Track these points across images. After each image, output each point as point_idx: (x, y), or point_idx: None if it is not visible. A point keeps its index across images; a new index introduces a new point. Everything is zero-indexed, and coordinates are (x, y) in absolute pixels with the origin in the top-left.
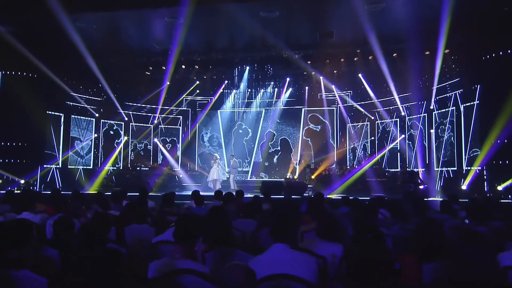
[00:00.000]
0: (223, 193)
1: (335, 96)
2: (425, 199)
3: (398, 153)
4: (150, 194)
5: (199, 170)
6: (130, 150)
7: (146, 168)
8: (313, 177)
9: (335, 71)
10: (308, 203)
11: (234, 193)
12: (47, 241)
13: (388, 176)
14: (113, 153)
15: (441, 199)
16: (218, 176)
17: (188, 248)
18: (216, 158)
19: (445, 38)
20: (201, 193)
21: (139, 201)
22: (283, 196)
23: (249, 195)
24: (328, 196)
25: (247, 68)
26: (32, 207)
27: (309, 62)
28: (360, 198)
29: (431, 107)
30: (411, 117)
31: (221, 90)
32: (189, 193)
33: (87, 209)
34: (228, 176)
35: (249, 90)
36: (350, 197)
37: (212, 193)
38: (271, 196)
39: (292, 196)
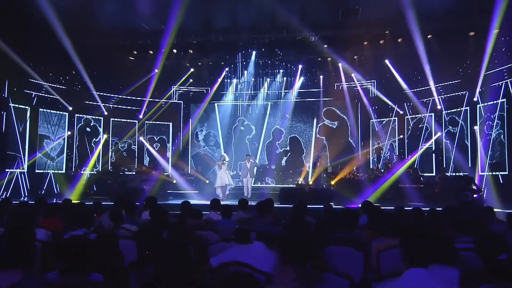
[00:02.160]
0: (244, 201)
1: (355, 87)
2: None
3: (434, 154)
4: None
5: (194, 174)
6: (110, 150)
7: (132, 172)
8: (332, 183)
9: (355, 57)
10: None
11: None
12: None
13: (424, 181)
14: (93, 154)
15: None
16: (228, 181)
17: (301, 273)
18: (224, 159)
19: (501, 14)
20: (198, 203)
21: (162, 212)
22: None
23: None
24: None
25: (254, 52)
26: (34, 221)
27: (326, 46)
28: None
29: (475, 99)
30: (449, 111)
31: (220, 79)
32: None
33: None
34: (228, 182)
35: (253, 79)
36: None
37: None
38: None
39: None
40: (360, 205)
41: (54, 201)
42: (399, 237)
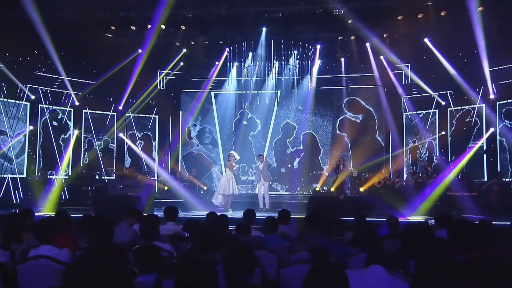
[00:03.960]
0: (286, 213)
1: (386, 72)
2: None
3: (485, 155)
4: None
5: (190, 178)
6: (83, 149)
7: (110, 177)
8: (361, 190)
9: (385, 35)
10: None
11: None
12: None
13: (476, 188)
14: (64, 153)
15: None
16: (234, 189)
17: None
18: (233, 158)
19: None
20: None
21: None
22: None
23: None
24: (409, 219)
25: (264, 29)
26: (53, 239)
27: (350, 21)
28: None
29: None
30: (506, 101)
31: (219, 63)
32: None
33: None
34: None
35: (259, 62)
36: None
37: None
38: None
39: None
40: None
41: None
42: None
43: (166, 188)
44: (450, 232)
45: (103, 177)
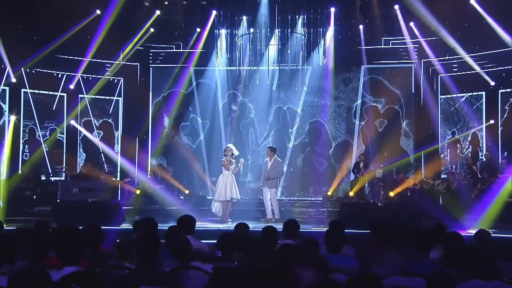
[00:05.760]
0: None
1: (417, 42)
2: None
3: None
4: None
5: (168, 178)
6: (22, 141)
7: (60, 177)
8: (391, 194)
9: None
10: None
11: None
12: None
13: None
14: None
15: None
16: (234, 193)
17: None
18: (230, 152)
19: None
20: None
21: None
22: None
23: None
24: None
25: None
26: (78, 259)
27: None
28: None
29: None
30: None
31: (205, 31)
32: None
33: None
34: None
35: (252, 30)
36: None
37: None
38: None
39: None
40: None
41: None
42: None
43: (138, 192)
44: None
45: (50, 178)
